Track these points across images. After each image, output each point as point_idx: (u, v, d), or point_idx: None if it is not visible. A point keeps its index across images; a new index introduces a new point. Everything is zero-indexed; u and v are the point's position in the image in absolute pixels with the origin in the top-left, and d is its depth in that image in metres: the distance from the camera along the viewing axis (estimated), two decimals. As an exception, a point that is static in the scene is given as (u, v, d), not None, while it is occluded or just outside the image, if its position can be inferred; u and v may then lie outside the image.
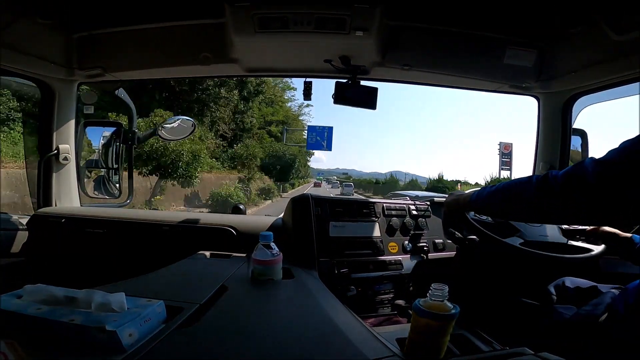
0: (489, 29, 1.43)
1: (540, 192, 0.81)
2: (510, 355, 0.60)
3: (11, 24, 1.29)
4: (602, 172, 0.69)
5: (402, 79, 1.78)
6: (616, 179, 0.68)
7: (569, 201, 0.76)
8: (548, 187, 0.79)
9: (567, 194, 0.75)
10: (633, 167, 0.66)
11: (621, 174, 0.67)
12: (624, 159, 0.68)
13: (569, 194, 0.75)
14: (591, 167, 0.71)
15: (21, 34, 1.37)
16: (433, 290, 0.63)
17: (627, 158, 0.68)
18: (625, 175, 0.67)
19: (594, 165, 0.71)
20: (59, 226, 1.62)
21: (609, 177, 0.69)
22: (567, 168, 0.78)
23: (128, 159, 2.01)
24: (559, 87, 1.61)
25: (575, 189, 0.73)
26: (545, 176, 0.80)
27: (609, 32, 1.19)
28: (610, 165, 0.69)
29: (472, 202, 1.05)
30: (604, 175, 0.69)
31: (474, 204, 1.06)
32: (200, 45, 1.52)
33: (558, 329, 1.03)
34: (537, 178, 0.82)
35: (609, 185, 0.69)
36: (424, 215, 1.53)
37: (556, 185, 0.77)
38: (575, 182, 0.73)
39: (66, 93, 1.77)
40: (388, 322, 1.26)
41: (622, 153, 0.69)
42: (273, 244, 0.95)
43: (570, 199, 0.75)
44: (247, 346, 0.60)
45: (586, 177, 0.71)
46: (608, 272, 1.35)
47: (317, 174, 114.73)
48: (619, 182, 0.67)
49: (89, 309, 0.59)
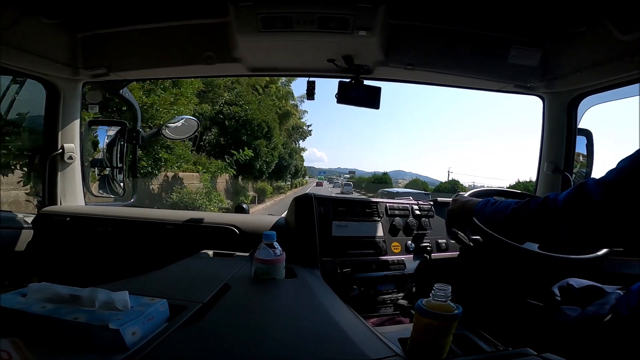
0: (493, 28, 1.43)
1: (540, 216, 0.80)
2: (512, 356, 0.60)
3: (16, 23, 1.30)
4: (607, 194, 0.68)
5: (406, 79, 1.77)
6: (621, 200, 0.67)
7: (572, 224, 0.75)
8: (548, 210, 0.78)
9: (571, 216, 0.74)
10: (633, 188, 0.65)
11: (625, 196, 0.67)
12: (624, 180, 0.67)
13: (574, 216, 0.74)
14: (595, 189, 0.70)
15: (26, 34, 1.38)
16: (436, 290, 0.63)
17: (626, 180, 0.67)
18: (628, 197, 0.66)
19: (598, 187, 0.70)
20: (64, 225, 1.64)
21: (615, 199, 0.68)
22: (566, 191, 0.77)
23: (132, 157, 2.02)
24: (564, 87, 1.60)
25: (582, 212, 0.72)
26: (545, 200, 0.79)
27: (615, 32, 1.18)
28: (613, 187, 0.69)
29: (476, 214, 1.05)
30: (609, 197, 0.68)
31: (478, 218, 1.06)
32: (203, 44, 1.53)
33: (562, 329, 1.02)
34: (534, 202, 0.82)
35: (617, 206, 0.68)
36: (427, 215, 1.52)
37: (558, 209, 0.76)
38: (582, 205, 0.72)
39: (71, 92, 1.78)
40: (390, 322, 1.26)
41: (620, 174, 0.69)
42: (276, 243, 0.95)
43: (574, 221, 0.74)
44: (249, 345, 0.60)
45: (592, 199, 0.70)
46: (612, 272, 1.34)
47: (319, 173, 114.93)
48: (625, 203, 0.67)
49: (93, 308, 0.59)
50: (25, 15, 1.31)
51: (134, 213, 1.70)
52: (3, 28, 1.28)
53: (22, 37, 1.38)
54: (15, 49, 1.40)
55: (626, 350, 0.82)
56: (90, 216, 1.66)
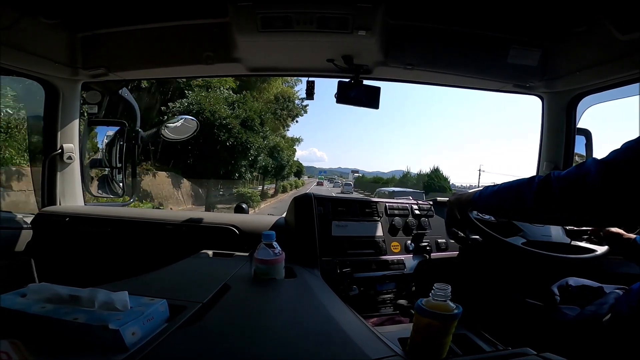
0: (492, 28, 1.43)
1: (542, 192, 0.79)
2: (512, 356, 0.60)
3: (15, 24, 1.30)
4: (607, 172, 0.68)
5: (405, 79, 1.78)
6: (622, 179, 0.67)
7: (571, 201, 0.74)
8: (549, 187, 0.77)
9: (570, 194, 0.74)
10: (636, 168, 0.65)
11: (627, 174, 0.66)
12: (630, 158, 0.67)
13: (572, 194, 0.74)
14: (594, 167, 0.70)
15: (25, 34, 1.38)
16: (436, 290, 0.63)
17: (633, 158, 0.67)
18: (630, 175, 0.66)
19: (598, 165, 0.70)
20: (63, 225, 1.64)
21: (614, 177, 0.67)
22: (568, 169, 0.77)
23: (131, 158, 2.02)
24: (563, 87, 1.60)
25: (579, 190, 0.72)
26: (548, 176, 0.79)
27: (614, 32, 1.18)
28: (615, 165, 0.68)
29: (475, 200, 1.04)
30: (608, 176, 0.68)
31: (477, 203, 1.04)
32: (203, 44, 1.53)
33: (562, 329, 1.02)
34: (539, 178, 0.81)
35: (615, 185, 0.67)
36: (427, 215, 1.52)
37: (558, 186, 0.76)
38: (579, 182, 0.72)
39: (70, 92, 1.78)
40: (390, 321, 1.26)
41: (627, 153, 0.68)
42: (275, 243, 0.95)
43: (573, 199, 0.74)
44: (249, 345, 0.60)
45: (590, 177, 0.70)
46: (611, 272, 1.34)
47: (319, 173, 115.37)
48: (625, 182, 0.66)
49: (93, 308, 0.59)
50: (24, 15, 1.31)
51: (133, 213, 1.70)
52: (2, 28, 1.28)
53: (21, 37, 1.38)
54: (15, 49, 1.40)
55: (626, 350, 0.82)
56: (90, 216, 1.66)
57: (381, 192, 19.04)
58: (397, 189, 21.37)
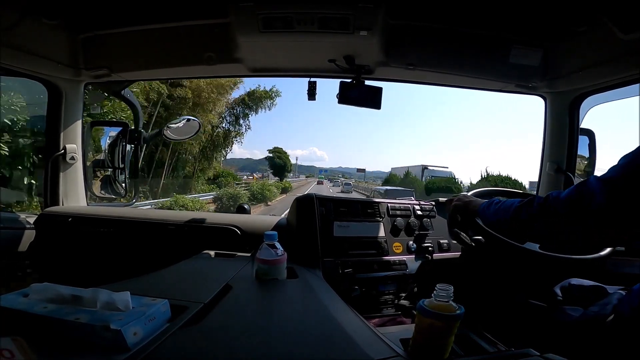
0: (494, 28, 1.42)
1: (542, 216, 0.78)
2: (515, 356, 0.60)
3: (17, 25, 1.30)
4: (611, 192, 0.67)
5: (407, 79, 1.77)
6: (624, 198, 0.65)
7: (576, 225, 0.73)
8: (549, 211, 0.76)
9: (573, 215, 0.73)
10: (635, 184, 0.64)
11: (627, 193, 0.65)
12: (625, 178, 0.66)
13: (575, 215, 0.72)
14: (598, 186, 0.68)
15: (27, 35, 1.38)
16: (438, 290, 0.63)
17: (628, 177, 0.65)
18: (630, 194, 0.65)
19: (601, 184, 0.68)
20: (66, 225, 1.64)
21: (618, 197, 0.66)
22: (567, 190, 0.75)
23: (134, 158, 2.03)
24: (566, 87, 1.59)
25: (583, 211, 0.71)
26: (546, 199, 0.78)
27: (616, 31, 1.17)
28: (616, 184, 0.67)
29: (480, 214, 1.04)
30: (613, 196, 0.66)
31: (481, 218, 1.04)
32: (204, 45, 1.53)
33: (564, 330, 1.02)
34: (538, 201, 0.80)
35: (620, 205, 0.66)
36: (429, 216, 1.52)
37: (559, 208, 0.74)
38: (585, 204, 0.70)
39: (73, 93, 1.78)
40: (392, 322, 1.26)
41: (623, 170, 0.67)
42: (277, 244, 0.95)
43: (576, 221, 0.72)
44: (251, 345, 0.60)
45: (595, 198, 0.68)
46: (614, 272, 1.33)
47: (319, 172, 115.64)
48: (626, 200, 0.65)
49: (95, 308, 0.59)
50: (26, 16, 1.31)
51: (135, 213, 1.71)
52: (4, 29, 1.29)
53: (23, 38, 1.38)
54: (17, 50, 1.41)
55: (629, 351, 0.82)
56: (92, 217, 1.66)
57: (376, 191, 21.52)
58: (390, 188, 24.39)
